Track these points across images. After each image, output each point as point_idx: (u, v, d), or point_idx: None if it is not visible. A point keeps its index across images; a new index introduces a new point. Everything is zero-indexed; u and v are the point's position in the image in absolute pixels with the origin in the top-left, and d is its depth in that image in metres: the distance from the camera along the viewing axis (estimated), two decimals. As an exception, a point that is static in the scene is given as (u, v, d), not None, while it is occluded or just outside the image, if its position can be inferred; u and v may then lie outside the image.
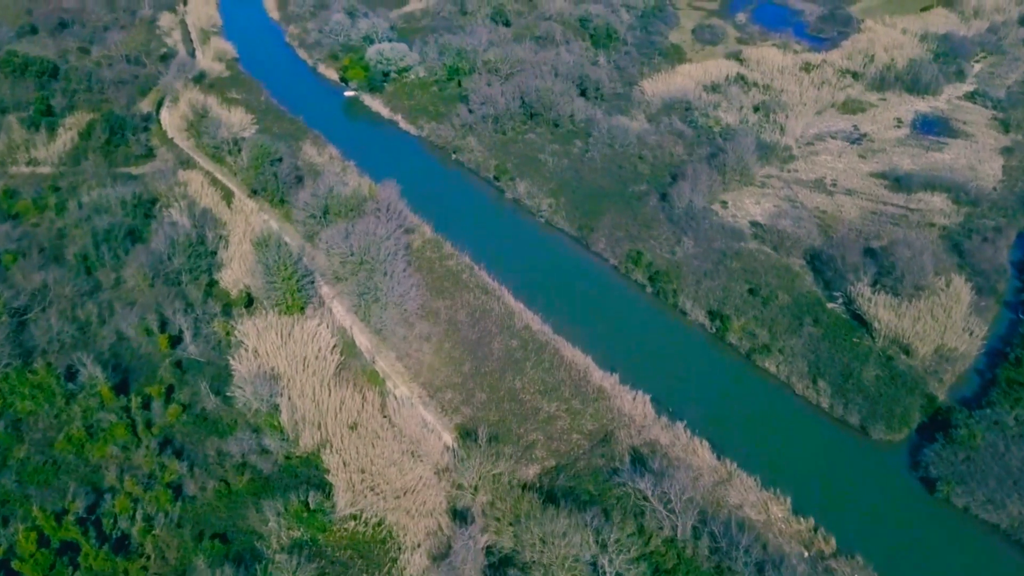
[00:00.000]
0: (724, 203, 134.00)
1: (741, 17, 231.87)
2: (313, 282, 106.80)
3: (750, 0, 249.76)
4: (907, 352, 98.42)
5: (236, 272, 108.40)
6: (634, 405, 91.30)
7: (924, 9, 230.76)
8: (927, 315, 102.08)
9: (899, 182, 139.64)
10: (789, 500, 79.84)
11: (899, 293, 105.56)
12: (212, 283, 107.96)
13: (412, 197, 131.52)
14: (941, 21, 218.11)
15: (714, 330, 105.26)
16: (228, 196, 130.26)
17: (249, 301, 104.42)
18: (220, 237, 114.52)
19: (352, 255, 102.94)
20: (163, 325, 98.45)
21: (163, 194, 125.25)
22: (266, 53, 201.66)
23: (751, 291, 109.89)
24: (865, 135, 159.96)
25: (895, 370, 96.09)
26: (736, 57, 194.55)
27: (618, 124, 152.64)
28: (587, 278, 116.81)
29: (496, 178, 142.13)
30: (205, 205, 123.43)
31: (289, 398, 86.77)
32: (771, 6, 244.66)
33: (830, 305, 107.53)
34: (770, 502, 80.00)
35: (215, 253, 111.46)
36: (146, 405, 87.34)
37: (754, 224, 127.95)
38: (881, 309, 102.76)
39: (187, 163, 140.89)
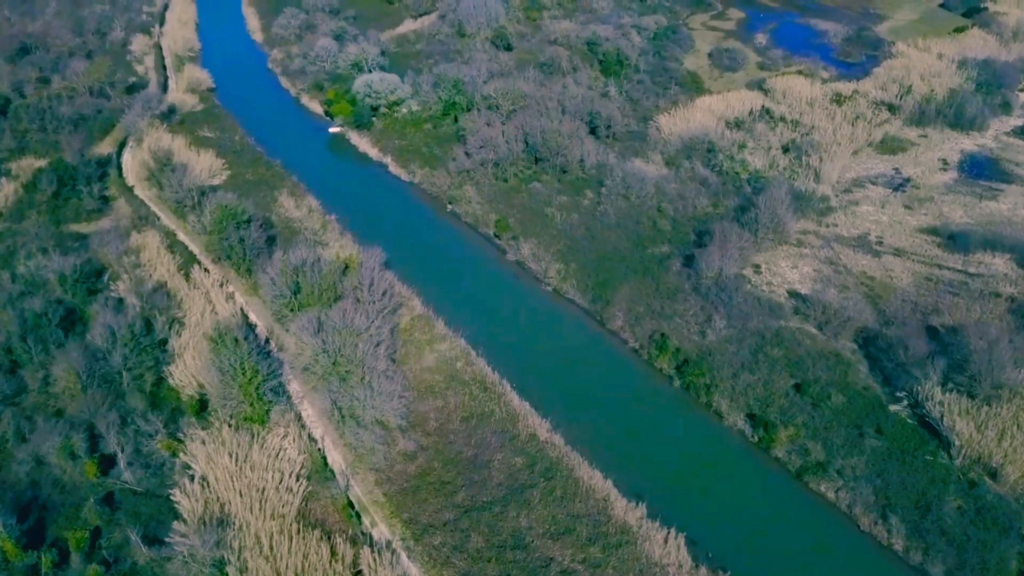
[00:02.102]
0: (757, 267, 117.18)
1: (760, 39, 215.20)
2: (280, 380, 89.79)
3: (769, 19, 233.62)
4: (993, 476, 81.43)
5: (190, 366, 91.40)
6: (666, 550, 74.49)
7: (958, 31, 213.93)
8: (1012, 425, 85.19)
9: (953, 240, 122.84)
10: None
11: (975, 394, 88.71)
12: (160, 380, 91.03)
13: (400, 260, 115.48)
14: (978, 44, 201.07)
15: (756, 439, 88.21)
16: (189, 262, 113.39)
17: (203, 405, 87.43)
18: (173, 320, 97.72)
19: (325, 352, 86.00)
20: (95, 443, 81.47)
21: (111, 263, 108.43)
22: (246, 82, 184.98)
23: (798, 388, 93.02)
24: (908, 180, 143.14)
25: (981, 500, 79.10)
26: (759, 87, 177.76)
27: (633, 170, 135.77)
28: (603, 366, 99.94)
29: (496, 235, 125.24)
30: (160, 276, 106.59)
31: (239, 554, 69.70)
32: (792, 26, 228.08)
33: (893, 407, 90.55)
34: None
35: (165, 342, 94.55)
36: (63, 558, 70.43)
37: (793, 294, 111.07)
38: (957, 417, 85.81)
39: (146, 219, 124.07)
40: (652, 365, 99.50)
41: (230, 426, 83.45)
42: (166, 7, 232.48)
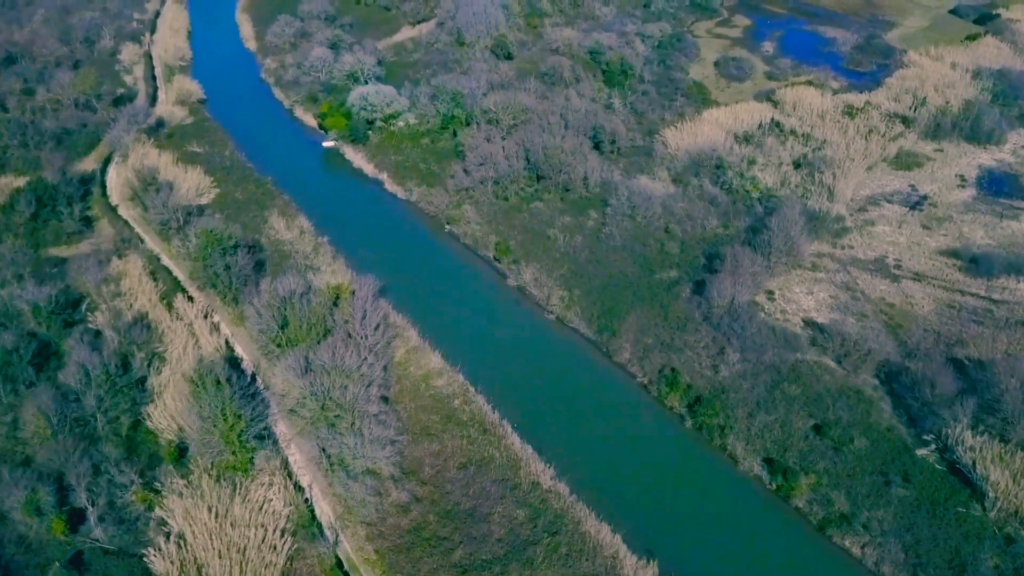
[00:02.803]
0: (770, 294, 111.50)
1: (768, 47, 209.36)
2: (267, 423, 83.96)
3: (775, 26, 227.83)
4: (1031, 530, 75.72)
5: (170, 407, 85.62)
6: (680, 616, 68.67)
7: (970, 38, 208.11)
8: (1050, 473, 79.42)
9: (975, 263, 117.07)
10: None
11: (1009, 438, 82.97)
12: (137, 423, 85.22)
13: (396, 285, 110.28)
14: (992, 53, 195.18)
15: (775, 487, 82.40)
16: (173, 289, 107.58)
17: (182, 451, 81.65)
18: (153, 355, 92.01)
19: (313, 396, 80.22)
20: (64, 496, 75.67)
21: (90, 292, 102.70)
22: (238, 93, 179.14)
23: (817, 429, 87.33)
24: (925, 198, 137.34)
25: (1020, 559, 73.41)
26: (768, 98, 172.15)
27: (639, 188, 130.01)
28: (610, 404, 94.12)
29: (496, 258, 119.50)
30: (141, 306, 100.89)
31: (216, 626, 64.05)
32: (799, 33, 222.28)
33: (920, 452, 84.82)
34: None
35: (144, 380, 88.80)
36: (25, 629, 64.69)
37: (809, 323, 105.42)
38: (990, 465, 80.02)
39: (129, 242, 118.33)
40: (662, 403, 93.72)
41: (210, 475, 77.67)
42: (158, 14, 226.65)
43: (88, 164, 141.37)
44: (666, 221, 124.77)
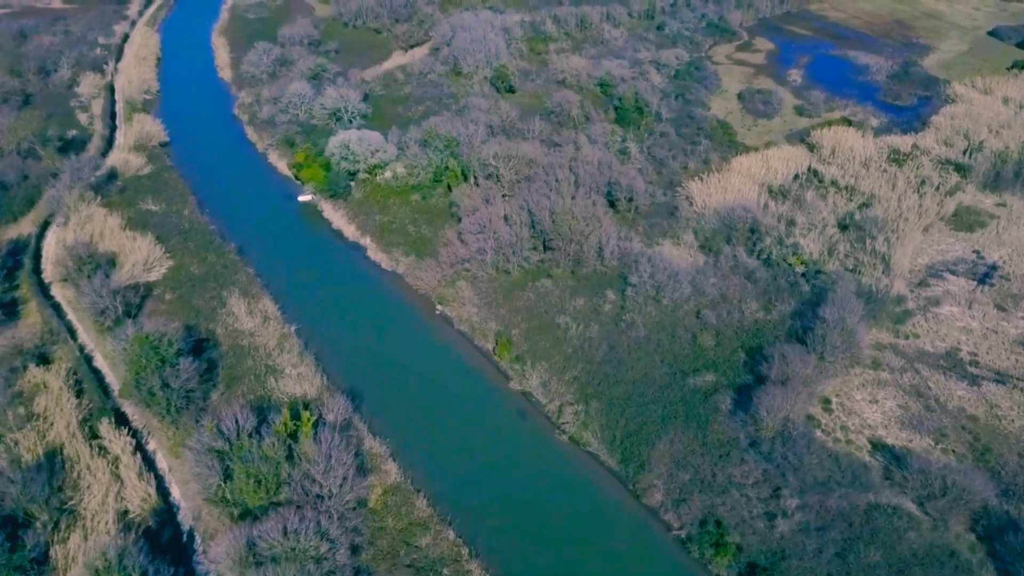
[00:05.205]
0: (827, 403, 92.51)
1: (795, 76, 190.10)
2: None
3: (801, 49, 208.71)
4: None
5: (77, 589, 66.35)
6: None
7: (1018, 66, 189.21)
8: None
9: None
10: None
11: None
12: (32, 617, 66.00)
13: (374, 392, 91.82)
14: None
15: None
16: (102, 408, 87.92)
17: (86, 661, 62.48)
18: (61, 513, 72.65)
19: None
20: None
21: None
22: (206, 133, 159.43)
23: (909, 617, 68.17)
24: (995, 268, 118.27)
25: None
26: (802, 140, 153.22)
27: (663, 261, 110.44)
28: (643, 569, 74.65)
29: (496, 352, 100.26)
30: (55, 436, 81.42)
31: None
32: (828, 59, 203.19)
33: (1046, 654, 65.60)
34: None
35: (47, 550, 69.36)
36: None
37: (878, 446, 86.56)
38: None
39: (57, 336, 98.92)
40: (707, 568, 74.35)
41: None
42: (126, 38, 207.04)
43: (24, 227, 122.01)
44: (697, 304, 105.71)
